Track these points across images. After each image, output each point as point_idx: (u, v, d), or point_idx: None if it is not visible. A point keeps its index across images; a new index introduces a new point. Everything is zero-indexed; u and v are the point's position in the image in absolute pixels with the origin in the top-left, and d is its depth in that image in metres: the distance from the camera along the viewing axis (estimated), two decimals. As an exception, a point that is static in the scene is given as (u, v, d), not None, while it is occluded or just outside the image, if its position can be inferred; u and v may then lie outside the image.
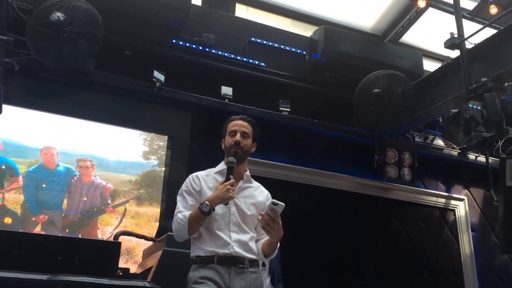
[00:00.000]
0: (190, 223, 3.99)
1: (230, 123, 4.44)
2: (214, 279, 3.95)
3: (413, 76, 9.35)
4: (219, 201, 4.00)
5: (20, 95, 7.64)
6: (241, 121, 4.42)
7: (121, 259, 6.36)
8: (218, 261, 4.01)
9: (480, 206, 11.18)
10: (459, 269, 10.41)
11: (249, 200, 4.31)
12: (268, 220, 3.93)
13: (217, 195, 4.00)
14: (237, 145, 4.28)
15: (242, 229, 4.18)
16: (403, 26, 10.03)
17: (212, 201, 3.99)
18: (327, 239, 9.30)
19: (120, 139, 8.37)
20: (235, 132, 4.33)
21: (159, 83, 8.24)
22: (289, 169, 9.29)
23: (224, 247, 4.05)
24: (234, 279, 3.99)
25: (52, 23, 6.98)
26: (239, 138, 4.31)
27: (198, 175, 4.37)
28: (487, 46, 8.00)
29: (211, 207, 3.98)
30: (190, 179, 4.34)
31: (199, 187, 4.25)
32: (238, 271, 4.03)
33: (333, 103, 9.54)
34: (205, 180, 4.31)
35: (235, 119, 4.45)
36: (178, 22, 8.23)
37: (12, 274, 3.64)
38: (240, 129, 4.36)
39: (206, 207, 3.96)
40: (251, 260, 4.13)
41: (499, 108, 7.51)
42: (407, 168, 9.73)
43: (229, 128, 4.40)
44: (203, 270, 4.00)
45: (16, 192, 7.50)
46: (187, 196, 4.23)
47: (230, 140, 4.31)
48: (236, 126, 4.37)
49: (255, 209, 4.31)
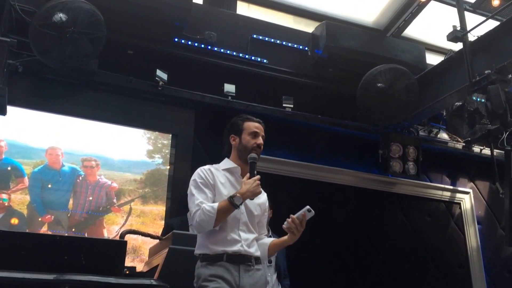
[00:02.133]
0: (218, 215, 3.97)
1: (248, 122, 4.44)
2: (225, 276, 3.96)
3: (416, 70, 9.34)
4: (250, 195, 4.04)
5: (24, 96, 7.67)
6: (260, 125, 4.45)
7: (127, 258, 6.36)
8: (227, 259, 4.02)
9: (485, 199, 11.17)
10: (466, 262, 10.41)
11: (255, 200, 4.29)
12: (298, 224, 4.12)
13: (249, 189, 4.04)
14: (259, 148, 4.34)
15: (249, 229, 4.21)
16: (405, 20, 10.03)
17: (244, 194, 4.01)
18: (332, 235, 9.31)
19: (124, 138, 8.40)
20: (257, 134, 4.37)
21: (162, 82, 8.25)
22: (293, 165, 9.30)
23: (234, 245, 4.07)
24: (244, 277, 4.01)
25: (55, 24, 7.00)
26: (262, 141, 4.37)
27: (210, 168, 4.35)
28: (490, 38, 8.00)
29: (243, 200, 4.02)
30: (204, 172, 4.30)
31: (213, 181, 4.23)
32: (246, 268, 4.05)
33: (336, 99, 9.54)
34: (216, 175, 4.29)
35: (254, 121, 4.46)
36: (180, 21, 8.24)
37: (19, 275, 3.64)
38: (261, 133, 4.41)
39: (239, 200, 3.98)
40: (256, 257, 4.17)
41: (503, 100, 7.51)
42: (411, 162, 9.73)
43: (248, 127, 4.40)
44: (213, 267, 4.00)
45: (22, 193, 7.53)
46: (204, 188, 4.18)
47: (252, 141, 4.33)
48: (258, 129, 4.40)
49: (260, 210, 4.36)
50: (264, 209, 4.44)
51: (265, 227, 4.43)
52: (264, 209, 4.44)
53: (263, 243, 4.35)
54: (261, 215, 4.38)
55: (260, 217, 4.38)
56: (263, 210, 4.42)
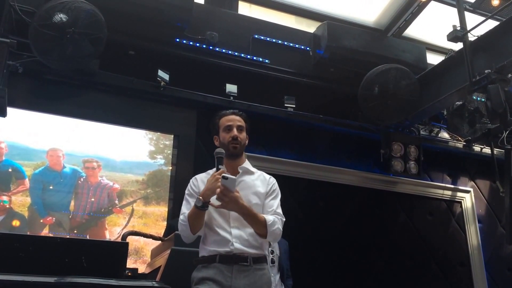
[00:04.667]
0: (190, 222, 3.97)
1: (221, 118, 4.40)
2: (216, 278, 3.91)
3: (417, 69, 9.36)
4: (210, 193, 3.91)
5: (24, 97, 7.65)
6: (234, 116, 4.39)
7: (129, 259, 6.38)
8: (220, 260, 3.97)
9: (486, 198, 11.19)
10: (467, 261, 10.43)
11: (249, 190, 4.22)
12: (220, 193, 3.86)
13: (208, 187, 3.94)
14: (235, 140, 4.25)
15: (243, 224, 4.06)
16: (406, 20, 10.09)
17: (204, 194, 3.93)
18: (335, 234, 9.33)
19: (126, 139, 8.40)
20: (230, 127, 4.30)
21: (163, 82, 8.25)
22: (295, 165, 9.31)
23: (224, 245, 4.01)
24: (237, 278, 3.93)
25: (55, 25, 6.99)
26: (236, 133, 4.28)
27: (197, 177, 4.35)
28: (490, 38, 8.01)
29: (204, 200, 3.91)
30: (190, 182, 4.33)
31: (198, 189, 4.20)
32: (241, 269, 3.96)
33: (338, 98, 9.56)
34: (203, 181, 4.23)
35: (226, 114, 4.41)
36: (182, 21, 8.24)
37: (19, 277, 3.65)
38: (235, 124, 4.33)
39: (198, 201, 3.90)
40: (255, 256, 4.06)
41: (503, 99, 7.51)
42: (413, 162, 9.73)
43: (222, 123, 4.36)
44: (206, 270, 3.98)
45: (23, 194, 7.52)
46: (189, 198, 4.20)
47: (227, 136, 4.27)
48: (230, 121, 4.33)
49: (257, 199, 4.22)
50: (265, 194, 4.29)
51: (271, 205, 4.24)
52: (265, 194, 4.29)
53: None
54: (262, 203, 4.24)
55: (261, 205, 4.23)
56: (264, 196, 4.28)
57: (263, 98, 9.02)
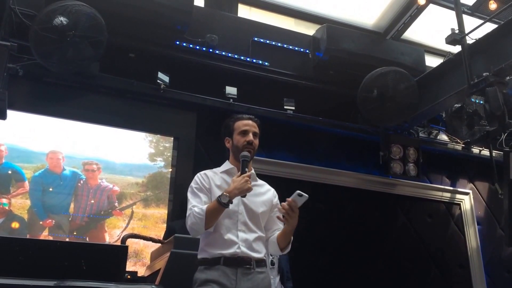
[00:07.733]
0: (207, 216, 3.95)
1: (238, 122, 4.43)
2: (220, 281, 3.93)
3: (416, 72, 9.37)
4: (238, 193, 3.98)
5: (24, 100, 7.65)
6: (251, 121, 4.42)
7: (129, 262, 6.39)
8: (224, 262, 3.99)
9: (485, 200, 11.20)
10: (466, 263, 10.45)
11: (259, 198, 4.30)
12: (288, 209, 4.01)
13: (236, 186, 3.98)
14: (250, 144, 4.29)
15: (249, 229, 4.15)
16: (405, 22, 10.10)
17: (231, 192, 3.96)
18: (334, 236, 9.33)
19: (125, 141, 8.41)
20: (247, 132, 4.34)
21: (163, 84, 8.26)
22: (295, 167, 9.32)
23: (231, 247, 4.03)
24: (241, 281, 3.97)
25: (55, 28, 6.99)
26: (252, 138, 4.33)
27: (206, 173, 4.37)
28: (488, 41, 8.03)
29: (230, 198, 3.95)
30: (199, 176, 4.33)
31: (209, 185, 4.24)
32: (244, 272, 4.00)
33: (337, 101, 9.54)
34: (212, 178, 4.30)
35: (243, 119, 4.44)
36: (181, 24, 8.25)
37: (19, 281, 3.66)
38: (252, 129, 4.36)
39: (225, 198, 3.92)
40: (258, 260, 4.11)
41: (501, 102, 7.55)
42: (412, 164, 9.74)
43: (238, 127, 4.39)
44: (209, 271, 3.99)
45: (23, 197, 7.53)
46: (198, 192, 4.20)
47: (242, 139, 4.31)
48: (247, 126, 4.37)
49: (265, 207, 4.32)
50: (272, 205, 4.40)
51: (278, 222, 4.34)
52: (272, 205, 4.40)
53: (272, 239, 4.33)
54: (268, 212, 4.34)
55: (267, 214, 4.34)
56: (270, 206, 4.38)
57: (263, 101, 9.03)
